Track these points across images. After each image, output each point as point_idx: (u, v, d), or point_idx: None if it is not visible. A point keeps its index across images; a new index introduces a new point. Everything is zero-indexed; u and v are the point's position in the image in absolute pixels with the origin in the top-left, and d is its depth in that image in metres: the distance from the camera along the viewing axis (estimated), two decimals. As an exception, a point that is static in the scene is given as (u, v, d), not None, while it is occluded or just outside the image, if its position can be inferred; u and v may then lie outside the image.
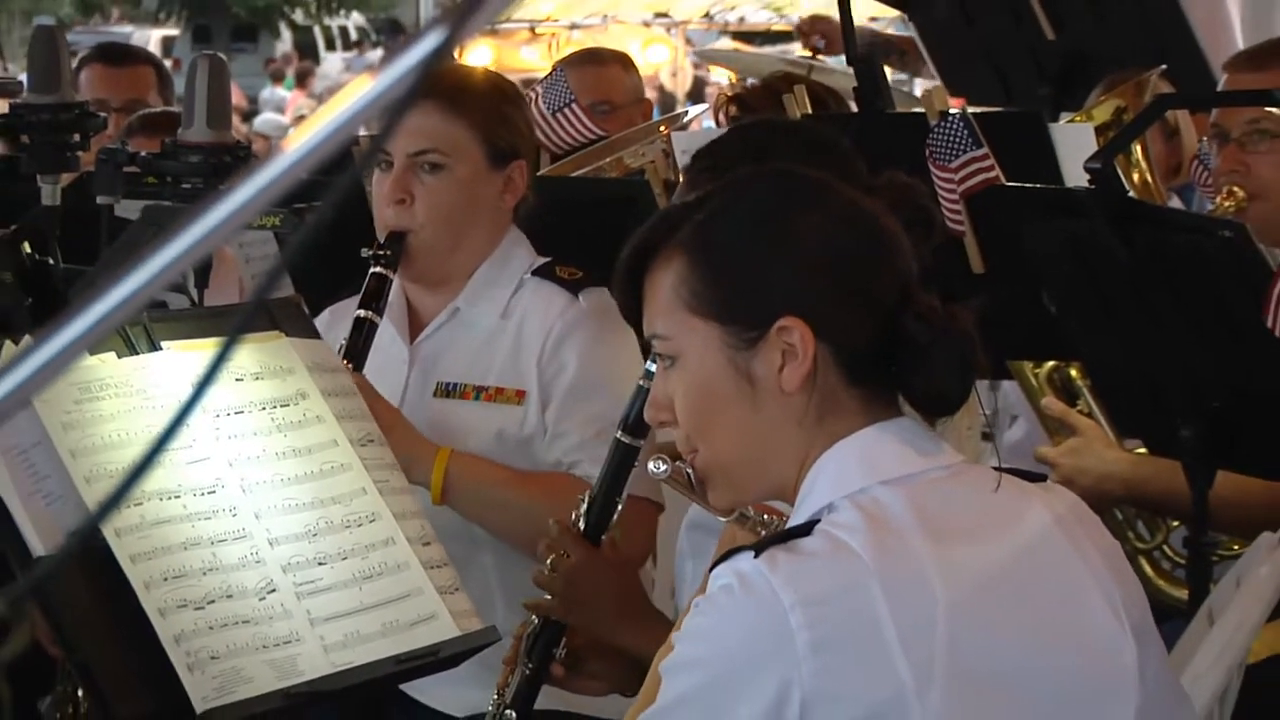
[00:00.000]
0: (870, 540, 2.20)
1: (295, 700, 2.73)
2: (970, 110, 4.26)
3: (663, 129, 5.16)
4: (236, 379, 2.96)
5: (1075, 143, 4.02)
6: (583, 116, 5.16)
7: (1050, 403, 4.26)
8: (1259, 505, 3.69)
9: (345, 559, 2.89)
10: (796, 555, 2.19)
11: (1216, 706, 3.04)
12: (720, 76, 19.47)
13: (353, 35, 38.99)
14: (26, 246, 3.32)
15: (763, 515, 2.50)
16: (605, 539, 3.12)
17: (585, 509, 3.12)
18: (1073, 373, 4.33)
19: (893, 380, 2.33)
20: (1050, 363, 4.37)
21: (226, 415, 2.91)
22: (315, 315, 3.60)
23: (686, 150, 3.78)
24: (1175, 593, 4.15)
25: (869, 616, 2.16)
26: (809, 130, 3.42)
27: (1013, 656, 2.23)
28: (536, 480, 3.57)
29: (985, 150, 3.94)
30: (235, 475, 2.85)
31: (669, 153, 4.79)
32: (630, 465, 3.09)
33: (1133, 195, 4.08)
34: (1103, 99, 4.71)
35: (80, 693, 3.50)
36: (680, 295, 2.33)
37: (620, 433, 3.10)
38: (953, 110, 4.06)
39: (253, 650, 2.73)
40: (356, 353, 3.53)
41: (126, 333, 2.89)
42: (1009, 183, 3.94)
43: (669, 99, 20.82)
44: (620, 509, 3.12)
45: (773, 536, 2.26)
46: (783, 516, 2.42)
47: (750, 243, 2.33)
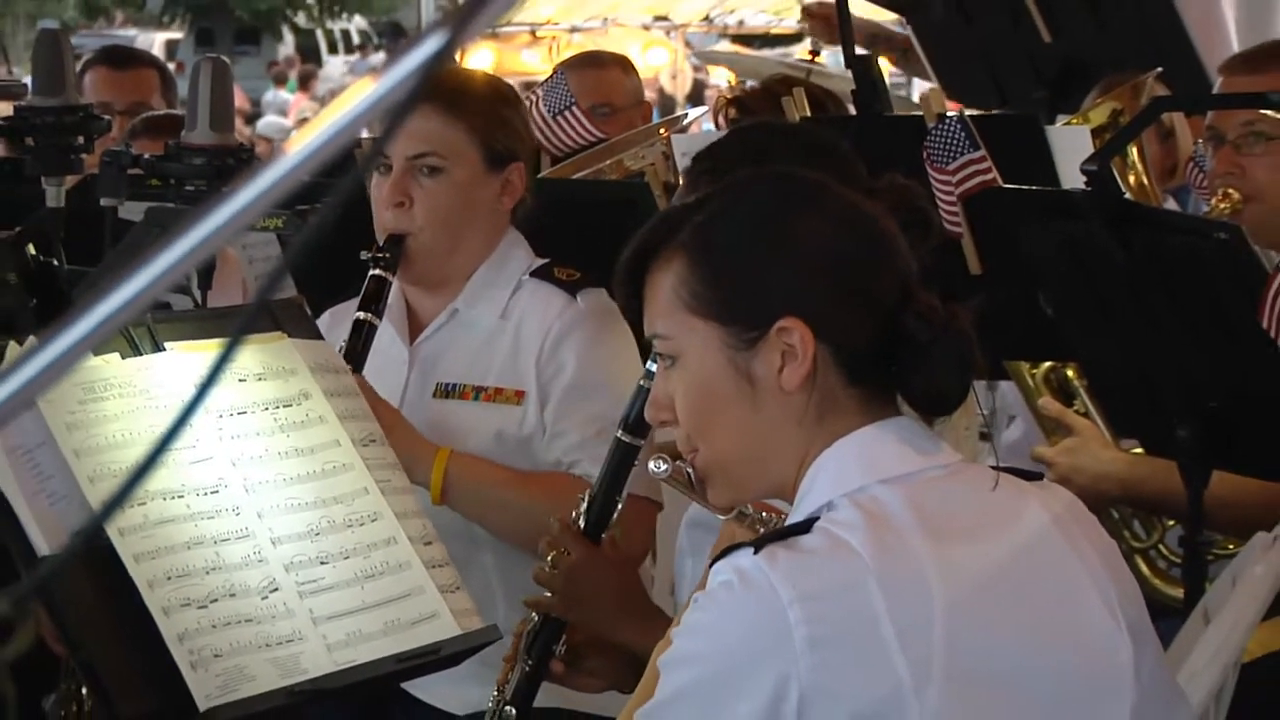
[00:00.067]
0: (869, 538, 2.20)
1: (298, 698, 2.73)
2: (968, 113, 4.27)
3: (662, 131, 5.17)
4: (239, 379, 2.97)
5: (1072, 145, 4.03)
6: (583, 119, 5.16)
7: (1047, 403, 4.27)
8: (1254, 505, 3.69)
9: (347, 558, 2.89)
10: (796, 552, 2.19)
11: (1212, 704, 3.05)
12: (720, 79, 19.46)
13: (355, 38, 38.95)
14: (31, 248, 3.34)
15: (762, 513, 2.51)
16: (605, 537, 3.13)
17: (586, 507, 3.13)
18: (1069, 373, 4.33)
19: (892, 380, 2.33)
20: (1047, 363, 4.37)
21: (229, 415, 2.91)
22: (317, 317, 3.61)
23: (686, 152, 3.79)
24: (1171, 591, 4.16)
25: (867, 614, 2.17)
26: (808, 132, 3.43)
27: (1010, 655, 2.24)
28: (536, 480, 3.57)
29: (983, 152, 3.94)
30: (238, 475, 2.86)
31: (669, 155, 4.80)
32: (630, 464, 3.10)
33: (1129, 197, 4.08)
34: (1099, 101, 4.71)
35: (84, 691, 3.50)
36: (680, 296, 2.34)
37: (621, 432, 3.11)
38: (950, 113, 4.07)
39: (255, 649, 2.73)
40: (355, 355, 3.53)
41: (130, 334, 2.89)
42: (1006, 185, 3.94)
43: (669, 102, 20.79)
44: (620, 507, 3.13)
45: (772, 533, 2.27)
46: (782, 514, 2.43)
47: (750, 244, 2.34)
